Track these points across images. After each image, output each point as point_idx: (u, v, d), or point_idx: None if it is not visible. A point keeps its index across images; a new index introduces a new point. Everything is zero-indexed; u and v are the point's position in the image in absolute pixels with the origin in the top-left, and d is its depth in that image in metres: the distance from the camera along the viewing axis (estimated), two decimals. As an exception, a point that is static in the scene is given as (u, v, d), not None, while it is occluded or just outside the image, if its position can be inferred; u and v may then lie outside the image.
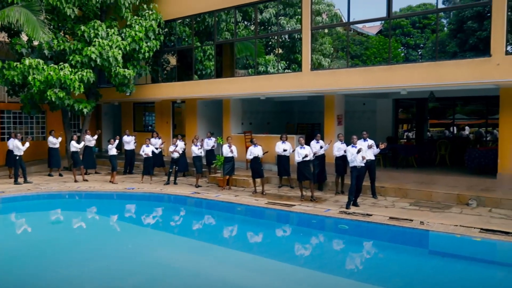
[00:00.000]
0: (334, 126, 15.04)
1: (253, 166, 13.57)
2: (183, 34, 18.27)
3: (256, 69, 17.28)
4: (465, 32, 20.70)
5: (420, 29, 26.53)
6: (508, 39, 10.92)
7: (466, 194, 11.46)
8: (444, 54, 21.95)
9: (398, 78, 12.19)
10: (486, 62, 10.81)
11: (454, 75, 11.31)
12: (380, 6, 12.63)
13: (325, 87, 13.73)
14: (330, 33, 22.79)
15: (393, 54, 23.72)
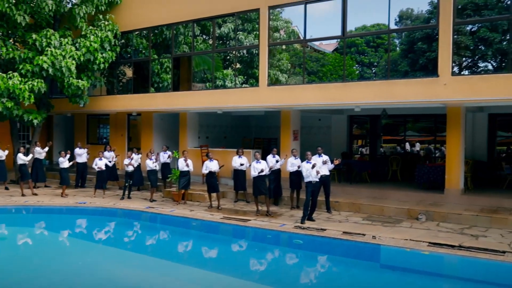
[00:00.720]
0: (290, 141, 15.20)
1: (209, 181, 13.47)
2: (140, 46, 18.05)
3: (214, 83, 17.28)
4: (416, 53, 21.59)
5: (374, 48, 27.45)
6: (454, 60, 11.47)
7: (416, 209, 11.82)
8: (396, 73, 22.78)
9: (352, 95, 12.50)
10: (434, 82, 11.28)
11: (405, 93, 11.73)
12: (335, 24, 12.97)
13: (282, 103, 13.89)
14: (287, 49, 23.16)
15: (348, 71, 24.36)
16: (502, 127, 21.98)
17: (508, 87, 10.38)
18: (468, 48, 20.66)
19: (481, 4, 19.80)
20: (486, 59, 21.11)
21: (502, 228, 10.51)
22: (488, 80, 10.88)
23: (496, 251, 8.75)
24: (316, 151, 12.44)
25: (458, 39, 20.16)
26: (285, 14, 21.03)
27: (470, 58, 21.55)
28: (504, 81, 10.50)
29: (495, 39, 19.52)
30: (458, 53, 20.55)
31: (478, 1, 19.91)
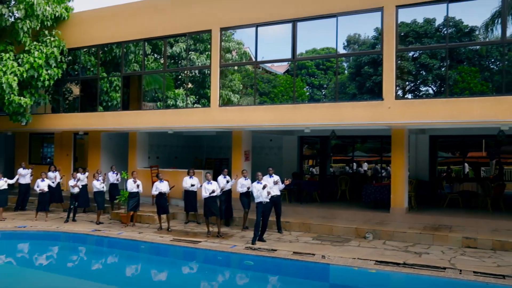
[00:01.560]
0: (242, 161, 15.24)
1: (158, 202, 13.20)
2: (88, 63, 17.62)
3: (165, 103, 17.11)
4: (363, 76, 22.39)
5: (324, 71, 28.24)
6: (398, 84, 12.01)
7: (364, 228, 12.11)
8: (345, 95, 23.48)
9: (302, 117, 12.76)
10: (379, 105, 11.74)
11: (352, 115, 12.12)
12: (287, 47, 13.27)
13: (233, 123, 13.95)
14: (239, 70, 23.36)
15: (299, 93, 24.86)
16: (443, 148, 23.15)
17: (446, 110, 10.99)
18: (410, 73, 21.69)
19: (422, 33, 20.95)
20: (427, 83, 22.24)
21: (443, 245, 10.97)
22: (428, 104, 11.48)
23: (437, 268, 9.10)
24: (267, 171, 12.53)
25: (402, 64, 21.16)
26: (237, 35, 21.28)
27: (412, 83, 22.62)
28: (442, 105, 11.12)
29: (435, 65, 20.65)
30: (401, 77, 21.52)
31: (419, 29, 21.06)
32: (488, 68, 21.57)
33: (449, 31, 20.93)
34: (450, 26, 20.98)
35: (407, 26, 21.72)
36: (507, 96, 10.76)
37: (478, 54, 20.98)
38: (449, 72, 20.50)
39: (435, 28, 21.08)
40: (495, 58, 19.36)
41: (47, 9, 16.42)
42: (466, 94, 19.25)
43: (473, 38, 20.42)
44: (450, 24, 20.88)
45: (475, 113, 10.82)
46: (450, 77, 20.31)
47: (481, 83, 20.35)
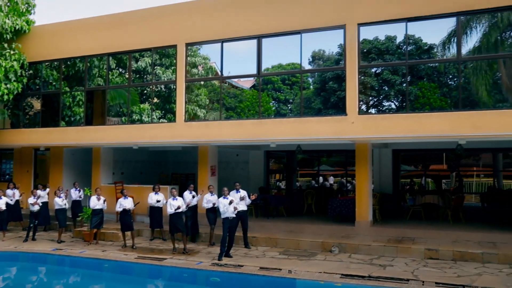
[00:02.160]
0: (208, 176, 15.16)
1: (123, 219, 12.94)
2: (50, 77, 17.22)
3: (130, 118, 16.88)
4: (328, 91, 22.81)
5: (290, 86, 28.62)
6: (361, 99, 12.30)
7: (329, 242, 12.22)
8: (310, 110, 23.81)
9: (268, 132, 12.85)
10: (343, 120, 11.98)
11: (317, 130, 12.30)
12: (253, 62, 13.39)
13: (199, 138, 13.90)
14: (206, 85, 23.37)
15: (265, 107, 25.06)
16: (405, 161, 23.75)
17: (407, 125, 11.32)
18: (373, 88, 22.26)
19: (383, 49, 21.59)
20: (389, 99, 22.87)
21: (406, 257, 11.19)
22: (390, 119, 11.80)
23: (401, 280, 9.26)
24: (234, 186, 12.51)
25: (365, 80, 21.72)
26: (204, 50, 21.33)
27: (376, 98, 23.21)
28: (403, 120, 11.45)
29: (396, 81, 21.28)
30: (365, 92, 22.08)
31: (380, 46, 21.70)
32: (446, 84, 22.40)
33: (409, 48, 21.65)
34: (410, 43, 21.72)
35: (369, 43, 22.34)
36: (463, 112, 11.20)
37: (437, 70, 21.78)
38: (410, 87, 21.16)
39: (396, 45, 21.78)
40: (453, 74, 20.14)
41: (6, 21, 16.03)
42: (427, 109, 19.94)
43: (432, 55, 21.19)
44: (410, 41, 21.62)
45: (434, 127, 11.18)
46: (411, 92, 20.98)
47: (440, 98, 21.11)
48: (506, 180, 22.22)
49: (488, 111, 11.71)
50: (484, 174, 24.36)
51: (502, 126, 10.69)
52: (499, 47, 16.73)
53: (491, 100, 18.23)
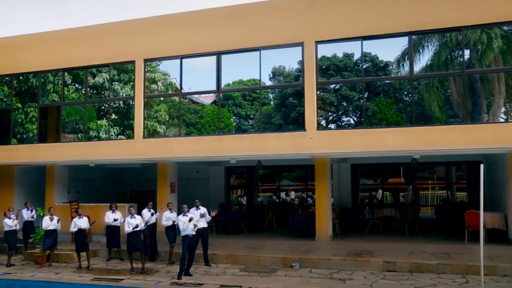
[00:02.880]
0: (167, 193, 14.93)
1: (77, 239, 12.49)
2: (1, 93, 16.58)
3: (87, 134, 16.45)
4: (288, 107, 23.09)
5: (250, 102, 28.78)
6: (321, 115, 12.50)
7: (290, 257, 12.22)
8: (271, 126, 24.00)
9: (228, 148, 12.82)
10: (302, 135, 12.11)
11: (277, 146, 12.37)
12: (213, 78, 13.37)
13: (158, 155, 13.69)
14: (166, 101, 23.15)
15: (226, 123, 25.06)
16: (364, 175, 24.24)
17: (364, 140, 11.57)
18: (332, 104, 22.72)
19: (342, 66, 22.13)
20: (348, 114, 23.38)
21: (365, 270, 11.32)
22: (347, 135, 12.04)
23: (361, 294, 9.35)
24: (194, 203, 12.37)
25: (324, 96, 22.15)
26: (163, 66, 21.18)
27: (335, 113, 23.67)
28: (360, 135, 11.71)
29: (354, 96, 21.81)
30: (324, 108, 22.50)
31: (339, 63, 22.23)
32: (402, 100, 23.16)
33: (366, 66, 22.33)
34: (367, 61, 22.42)
35: (328, 60, 22.87)
36: (417, 127, 11.58)
37: (392, 87, 22.50)
38: (367, 103, 21.75)
39: (353, 62, 22.38)
40: (407, 91, 20.85)
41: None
42: (384, 124, 20.49)
43: (387, 72, 21.90)
44: (366, 59, 22.32)
45: (390, 142, 11.48)
46: (369, 108, 21.60)
47: (397, 114, 21.77)
48: (459, 192, 23.03)
49: (439, 126, 12.18)
50: (438, 186, 25.18)
51: (453, 141, 11.09)
52: (449, 65, 17.48)
53: (443, 116, 18.96)
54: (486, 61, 15.70)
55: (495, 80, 16.79)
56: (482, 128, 11.51)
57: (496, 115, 17.25)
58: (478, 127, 11.62)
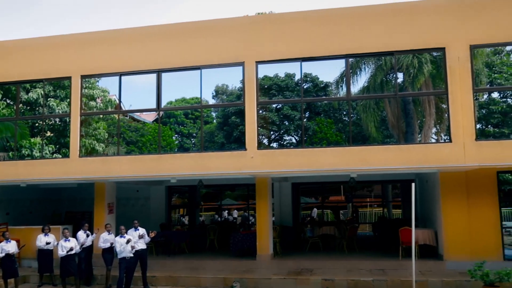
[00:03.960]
0: (105, 214, 14.40)
1: (5, 265, 11.68)
2: None
3: (18, 153, 15.61)
4: (230, 126, 23.19)
5: (193, 120, 28.62)
6: (263, 134, 12.63)
7: (231, 277, 12.11)
8: (213, 144, 23.97)
9: (168, 168, 12.61)
10: (243, 154, 12.17)
11: (218, 165, 12.33)
12: (154, 96, 13.17)
13: (95, 175, 13.21)
14: (105, 118, 22.51)
15: (168, 141, 24.73)
16: (305, 194, 24.67)
17: (303, 159, 11.80)
18: (274, 123, 23.07)
19: (283, 86, 22.61)
20: (290, 133, 23.83)
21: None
22: (287, 154, 12.24)
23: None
24: (133, 224, 12.02)
25: (266, 115, 22.47)
26: (103, 83, 20.65)
27: (277, 132, 24.04)
28: (300, 154, 11.95)
29: (296, 116, 22.28)
30: (266, 127, 22.80)
31: (281, 83, 22.69)
32: (341, 120, 23.95)
33: (307, 86, 22.97)
34: (308, 81, 23.09)
35: (270, 79, 23.30)
36: (354, 147, 12.00)
37: (332, 107, 23.25)
38: (308, 123, 22.29)
39: (295, 82, 22.92)
40: (346, 111, 21.63)
41: None
42: (324, 143, 21.07)
43: (327, 92, 22.62)
44: (307, 79, 22.99)
45: (328, 162, 11.77)
46: (309, 127, 22.16)
47: (336, 133, 22.47)
48: (396, 209, 23.97)
49: (375, 146, 12.67)
50: (376, 204, 26.09)
51: (387, 160, 11.56)
52: (384, 87, 18.36)
53: (380, 136, 19.79)
54: (417, 84, 16.65)
55: (426, 103, 17.83)
56: (414, 148, 12.10)
57: (427, 135, 18.25)
58: (410, 147, 12.22)
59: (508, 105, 20.57)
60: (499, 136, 19.09)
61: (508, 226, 14.70)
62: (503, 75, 20.26)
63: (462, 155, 11.18)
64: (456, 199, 12.41)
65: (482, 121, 20.64)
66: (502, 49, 20.66)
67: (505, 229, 13.45)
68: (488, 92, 21.13)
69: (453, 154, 11.26)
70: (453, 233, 12.30)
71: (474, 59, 12.79)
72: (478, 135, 11.56)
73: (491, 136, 19.53)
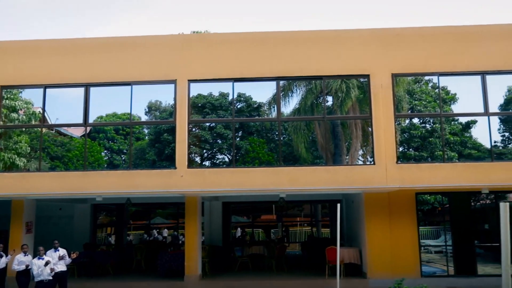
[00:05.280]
0: (22, 234, 13.52)
1: None
2: None
3: None
4: (162, 143, 22.77)
5: (124, 136, 27.77)
6: (195, 152, 12.52)
7: (157, 299, 11.77)
8: (144, 161, 23.37)
9: (94, 185, 12.10)
10: (172, 173, 11.97)
11: (146, 184, 12.02)
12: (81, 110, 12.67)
13: (13, 191, 12.36)
14: (28, 131, 21.29)
15: (96, 157, 23.79)
16: (236, 213, 24.68)
17: (233, 179, 11.84)
18: (207, 141, 22.98)
19: (217, 105, 22.65)
20: (222, 152, 23.80)
21: (232, 310, 11.34)
22: (218, 173, 12.22)
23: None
24: (53, 244, 11.36)
25: (199, 133, 22.35)
26: (27, 94, 19.56)
27: (209, 151, 23.93)
28: (230, 174, 11.98)
29: (229, 135, 22.36)
30: (199, 145, 22.65)
31: (214, 102, 22.73)
32: (273, 140, 24.34)
33: (240, 106, 23.17)
34: (242, 101, 23.30)
35: (204, 98, 23.26)
36: (283, 167, 12.22)
37: (264, 127, 23.60)
38: (241, 142, 22.44)
39: (228, 101, 23.06)
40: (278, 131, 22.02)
41: None
42: (256, 163, 21.26)
43: (260, 113, 22.96)
44: (241, 99, 23.20)
45: (258, 181, 11.88)
46: (242, 147, 22.29)
47: (268, 153, 22.77)
48: (325, 228, 24.59)
49: (304, 167, 13.01)
50: (306, 223, 26.61)
51: (315, 181, 11.87)
52: (314, 109, 18.96)
53: (309, 157, 20.33)
54: (345, 108, 17.37)
55: (353, 126, 18.62)
56: (340, 169, 12.55)
57: (354, 157, 19.01)
58: (336, 168, 12.65)
59: (426, 130, 21.99)
60: (419, 159, 20.30)
61: (426, 244, 15.58)
62: (422, 102, 21.68)
63: (384, 177, 11.74)
64: (379, 218, 12.97)
65: (405, 145, 21.89)
66: (421, 78, 22.16)
67: (424, 247, 14.27)
68: (409, 117, 22.49)
69: (376, 175, 11.80)
70: (376, 251, 12.82)
71: (396, 86, 13.62)
72: (400, 158, 12.24)
73: (412, 159, 20.71)
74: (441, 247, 14.90)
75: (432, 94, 22.37)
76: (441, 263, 13.83)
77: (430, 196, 20.39)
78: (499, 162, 12.16)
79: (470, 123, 22.62)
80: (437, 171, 11.89)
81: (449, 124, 22.41)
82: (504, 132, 20.14)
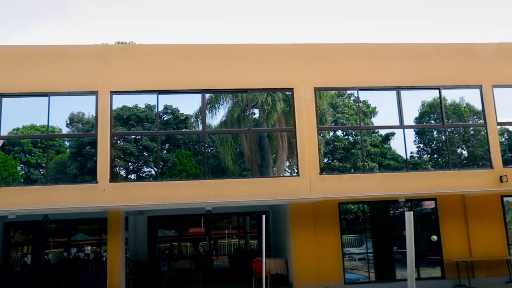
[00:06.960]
0: None
1: None
2: None
3: None
4: (85, 156, 21.79)
5: (42, 149, 26.26)
6: (119, 165, 12.06)
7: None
8: (65, 176, 22.19)
9: (6, 202, 11.33)
10: (93, 188, 11.49)
11: (65, 199, 11.45)
12: None
13: None
14: None
15: (11, 172, 22.25)
16: (163, 227, 24.15)
17: (158, 192, 11.61)
18: (133, 154, 22.33)
19: (143, 117, 22.13)
20: (149, 165, 23.23)
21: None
22: (141, 187, 11.91)
23: None
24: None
25: (124, 146, 21.67)
26: None
27: (135, 164, 23.26)
28: (154, 187, 11.74)
29: (155, 148, 21.86)
30: (124, 158, 21.95)
31: (140, 114, 22.19)
32: (201, 152, 24.17)
33: (167, 118, 22.82)
34: (169, 113, 22.97)
35: (129, 109, 22.65)
36: (209, 180, 12.19)
37: (192, 139, 23.40)
38: (168, 155, 22.07)
39: (155, 113, 22.60)
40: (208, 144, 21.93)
41: None
42: (184, 176, 20.96)
43: (187, 125, 22.76)
44: (168, 111, 22.87)
45: (184, 194, 11.75)
46: (169, 159, 21.90)
47: (196, 166, 22.57)
48: (253, 240, 24.71)
49: (230, 179, 13.04)
50: (235, 235, 26.60)
51: (241, 193, 11.96)
52: (241, 122, 19.14)
53: (237, 169, 20.43)
54: (271, 120, 17.72)
55: (279, 138, 19.02)
56: (266, 181, 12.73)
57: (280, 169, 19.38)
58: (262, 180, 12.81)
59: (349, 142, 22.95)
60: (343, 170, 21.10)
61: (351, 252, 16.16)
62: (345, 115, 22.63)
63: (308, 188, 12.07)
64: (304, 228, 13.27)
65: (329, 156, 22.68)
66: (344, 92, 23.16)
67: (348, 254, 14.78)
68: (333, 130, 23.37)
69: (301, 187, 12.10)
70: (301, 261, 13.07)
71: (320, 100, 14.12)
72: (324, 169, 12.65)
73: (336, 170, 21.50)
74: (364, 254, 15.52)
75: (354, 108, 23.48)
76: (364, 269, 14.39)
77: (354, 205, 21.26)
78: (414, 172, 12.96)
79: (389, 135, 23.93)
80: (358, 182, 12.42)
81: (370, 136, 23.56)
82: (419, 143, 21.53)
